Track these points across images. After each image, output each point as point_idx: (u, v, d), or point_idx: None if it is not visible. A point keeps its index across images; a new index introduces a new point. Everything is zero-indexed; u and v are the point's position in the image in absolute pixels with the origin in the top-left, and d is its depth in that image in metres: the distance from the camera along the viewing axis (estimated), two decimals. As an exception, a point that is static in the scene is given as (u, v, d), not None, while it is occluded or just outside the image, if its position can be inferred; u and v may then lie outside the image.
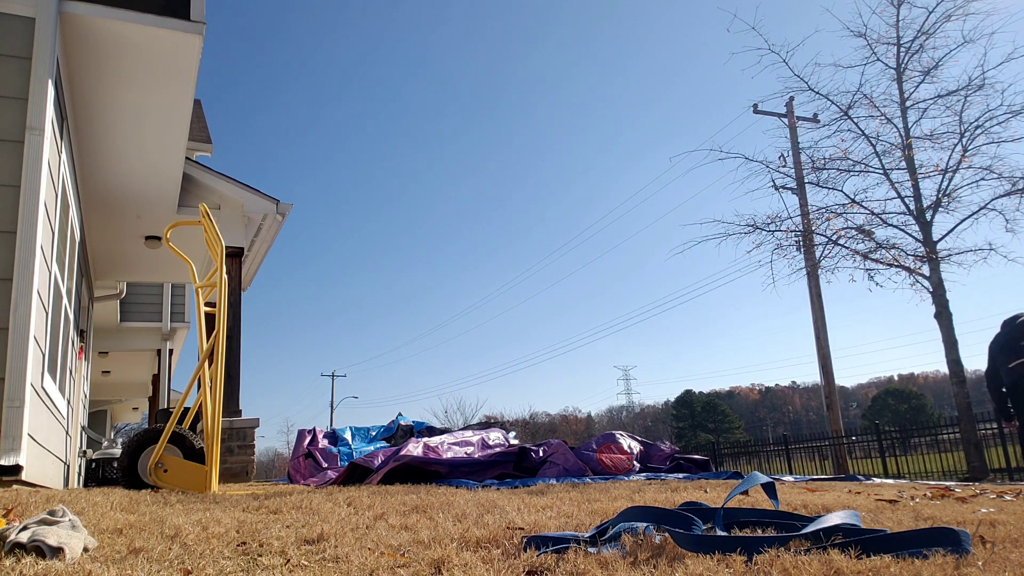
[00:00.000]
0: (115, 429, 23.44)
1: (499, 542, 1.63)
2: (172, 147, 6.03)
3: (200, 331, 4.25)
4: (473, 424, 8.79)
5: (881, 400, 56.64)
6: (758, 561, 1.31)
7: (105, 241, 8.03)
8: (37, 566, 1.37)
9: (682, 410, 63.22)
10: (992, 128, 10.72)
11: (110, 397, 19.25)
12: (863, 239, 11.67)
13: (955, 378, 10.78)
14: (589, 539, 1.56)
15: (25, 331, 3.75)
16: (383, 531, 1.91)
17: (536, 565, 1.35)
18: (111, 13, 4.51)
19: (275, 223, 7.62)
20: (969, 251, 10.74)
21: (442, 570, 1.34)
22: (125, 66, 4.95)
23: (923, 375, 77.54)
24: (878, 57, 11.64)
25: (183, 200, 7.10)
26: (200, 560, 1.49)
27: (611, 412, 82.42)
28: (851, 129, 11.89)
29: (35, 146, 3.97)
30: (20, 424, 3.62)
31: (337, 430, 7.41)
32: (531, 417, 54.22)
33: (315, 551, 1.59)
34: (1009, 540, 1.55)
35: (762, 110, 15.68)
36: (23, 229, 3.87)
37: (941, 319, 10.61)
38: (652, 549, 1.44)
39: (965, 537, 1.39)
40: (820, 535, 1.46)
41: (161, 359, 12.93)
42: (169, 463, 3.92)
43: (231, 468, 6.53)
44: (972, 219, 10.75)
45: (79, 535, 1.62)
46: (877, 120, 11.72)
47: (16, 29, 4.13)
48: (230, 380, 6.80)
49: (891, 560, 1.29)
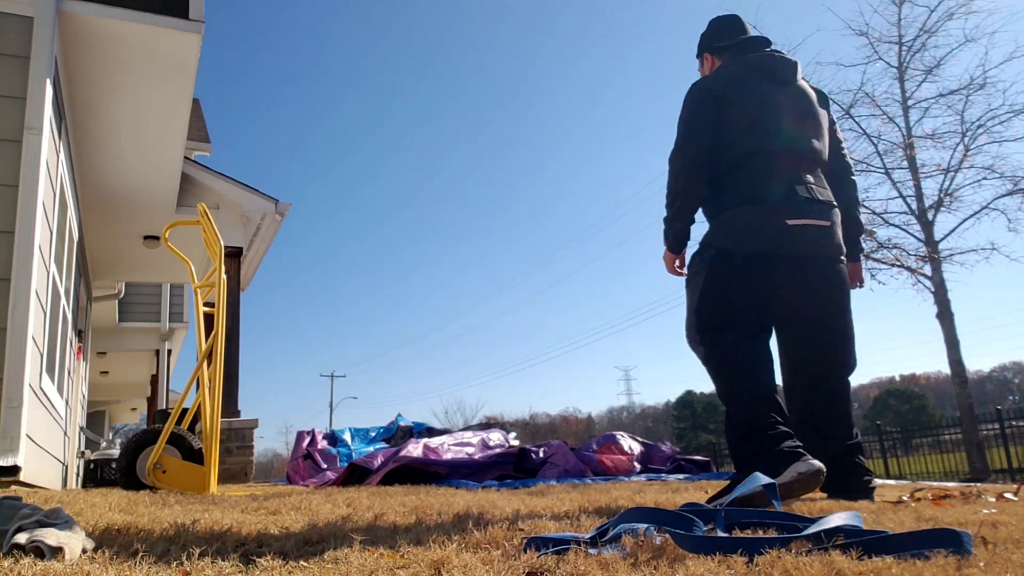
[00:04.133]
0: (113, 430, 23.43)
1: (499, 543, 1.62)
2: (171, 147, 6.02)
3: (199, 331, 4.25)
4: (473, 425, 8.79)
5: (883, 400, 56.63)
6: (759, 562, 1.30)
7: (103, 241, 8.02)
8: (36, 567, 1.36)
9: (683, 411, 63.22)
10: (994, 127, 10.77)
11: (108, 398, 19.25)
12: (865, 239, 11.69)
13: (957, 379, 10.80)
14: (589, 540, 1.55)
15: (23, 331, 3.74)
16: (383, 532, 1.90)
17: (536, 566, 1.34)
18: (110, 12, 4.50)
19: (274, 223, 7.62)
20: (971, 251, 10.79)
21: (442, 571, 1.33)
22: (124, 65, 4.94)
23: (925, 375, 77.53)
24: (880, 56, 11.70)
25: (182, 200, 7.10)
26: (199, 561, 1.48)
27: (611, 413, 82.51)
28: (853, 128, 11.93)
29: (33, 146, 3.96)
30: (18, 425, 3.61)
31: (336, 431, 7.40)
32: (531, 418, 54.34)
33: (314, 552, 1.58)
34: (1011, 541, 1.54)
35: (762, 110, 15.66)
36: (21, 229, 3.86)
37: (943, 319, 10.63)
38: (653, 550, 1.43)
39: (967, 538, 1.38)
40: (822, 536, 1.45)
41: (160, 359, 12.93)
42: (168, 464, 3.92)
43: (230, 469, 6.52)
44: (974, 218, 10.81)
45: (77, 536, 1.62)
46: (879, 119, 11.78)
47: (14, 28, 4.12)
48: (229, 381, 6.79)
49: (893, 561, 1.29)
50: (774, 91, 2.81)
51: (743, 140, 2.74)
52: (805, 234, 2.64)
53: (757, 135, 2.74)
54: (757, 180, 2.72)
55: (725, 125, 2.75)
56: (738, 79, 2.83)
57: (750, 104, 2.77)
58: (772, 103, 2.78)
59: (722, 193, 2.78)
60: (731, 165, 2.76)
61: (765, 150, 2.73)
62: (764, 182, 2.71)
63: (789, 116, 2.78)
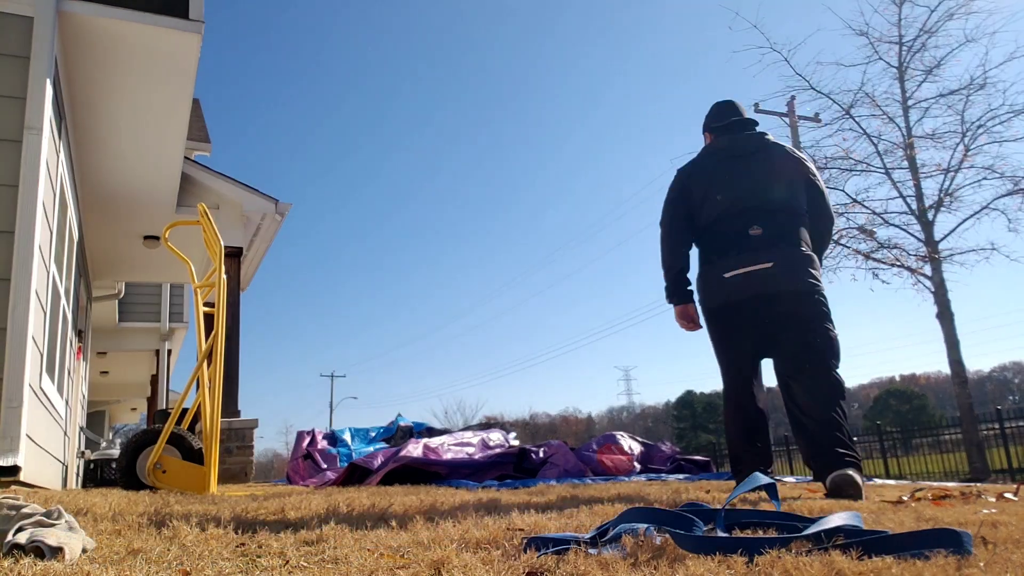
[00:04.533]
0: (113, 430, 23.44)
1: (499, 543, 1.62)
2: (171, 147, 6.03)
3: (199, 331, 4.25)
4: (473, 425, 8.79)
5: (883, 400, 56.60)
6: (759, 562, 1.30)
7: (103, 241, 8.03)
8: (36, 567, 1.36)
9: (683, 411, 63.20)
10: (994, 127, 10.77)
11: (108, 398, 19.25)
12: (865, 239, 11.69)
13: (957, 378, 10.79)
14: (589, 540, 1.55)
15: (23, 331, 3.75)
16: (383, 532, 1.90)
17: (536, 566, 1.34)
18: (110, 12, 4.50)
19: (274, 223, 7.62)
20: (971, 251, 10.78)
21: (442, 571, 1.33)
22: (124, 65, 4.94)
23: (925, 375, 77.52)
24: (880, 56, 11.69)
25: (182, 200, 7.10)
26: (199, 561, 1.48)
27: (611, 413, 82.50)
28: (853, 128, 11.94)
29: (33, 146, 3.96)
30: (18, 425, 3.61)
31: (336, 431, 7.40)
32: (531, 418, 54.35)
33: (314, 552, 1.58)
34: (1011, 541, 1.54)
35: (763, 109, 15.70)
36: (21, 229, 3.86)
37: (943, 319, 10.62)
38: (653, 550, 1.43)
39: (967, 538, 1.38)
40: (822, 536, 1.45)
41: (160, 359, 12.93)
42: (168, 464, 3.92)
43: (230, 469, 6.52)
44: (974, 219, 10.81)
45: (77, 536, 1.62)
46: (879, 119, 11.78)
47: (14, 28, 4.12)
48: (229, 380, 6.79)
49: (893, 561, 1.29)
50: (729, 166, 3.34)
51: (700, 213, 3.35)
52: (748, 279, 3.12)
53: (708, 207, 3.31)
54: (709, 244, 3.34)
55: (692, 202, 3.37)
56: (700, 163, 3.45)
57: (704, 183, 3.36)
58: (723, 177, 3.32)
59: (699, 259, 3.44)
60: (698, 235, 3.40)
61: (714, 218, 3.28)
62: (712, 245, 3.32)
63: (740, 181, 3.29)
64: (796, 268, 3.12)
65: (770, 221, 3.19)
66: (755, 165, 3.32)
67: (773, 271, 3.10)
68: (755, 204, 3.22)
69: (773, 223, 3.19)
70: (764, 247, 3.14)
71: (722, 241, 3.26)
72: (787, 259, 3.13)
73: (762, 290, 3.10)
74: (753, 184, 3.26)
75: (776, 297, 3.10)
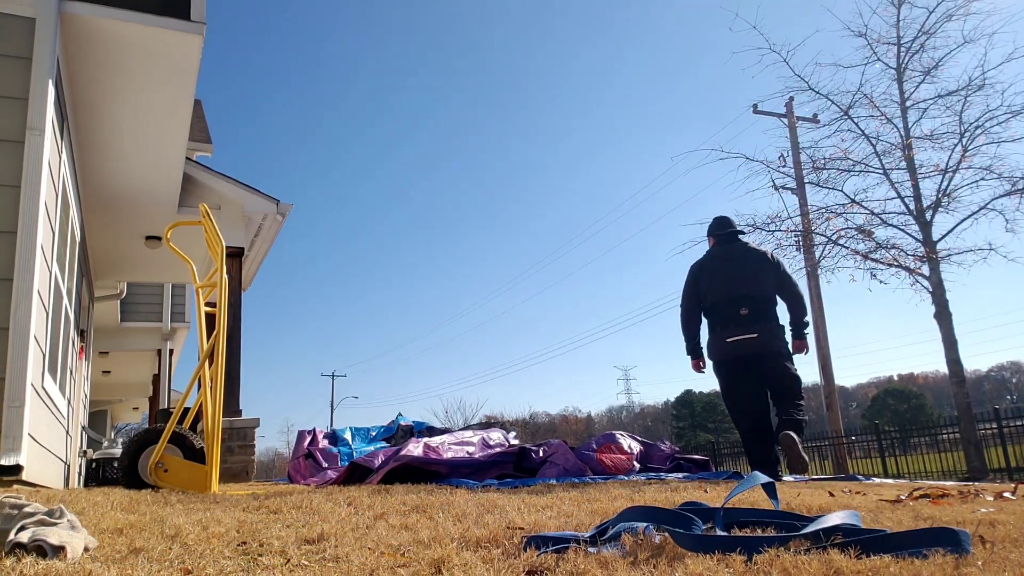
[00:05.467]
0: (115, 429, 23.45)
1: (499, 542, 1.63)
2: (172, 147, 6.03)
3: (200, 331, 4.26)
4: (473, 424, 8.80)
5: (881, 400, 56.59)
6: (758, 561, 1.31)
7: (105, 241, 8.03)
8: (38, 566, 1.37)
9: (682, 410, 63.19)
10: (992, 128, 10.73)
11: (110, 397, 19.26)
12: (863, 239, 11.68)
13: (955, 378, 10.79)
14: (589, 539, 1.56)
15: (25, 331, 3.75)
16: (383, 531, 1.91)
17: (536, 565, 1.35)
18: (112, 13, 4.51)
19: (275, 223, 7.62)
20: (969, 251, 10.75)
21: (442, 570, 1.34)
22: (126, 66, 4.95)
23: (923, 375, 77.49)
24: (878, 57, 11.65)
25: (183, 200, 7.11)
26: (200, 560, 1.49)
27: (611, 412, 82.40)
28: (851, 129, 11.90)
29: (35, 146, 3.97)
30: (20, 424, 3.62)
31: (337, 430, 7.41)
32: (531, 417, 54.30)
33: (315, 551, 1.59)
34: (1009, 540, 1.55)
35: (762, 110, 15.69)
36: (23, 229, 3.87)
37: (941, 319, 10.62)
38: (652, 549, 1.44)
39: (965, 537, 1.39)
40: (820, 535, 1.46)
41: (161, 359, 12.94)
42: (169, 463, 3.92)
43: (231, 468, 6.53)
44: (972, 219, 10.77)
45: (79, 535, 1.63)
46: (877, 120, 11.73)
47: (16, 29, 4.13)
48: (230, 380, 6.80)
49: (891, 560, 1.30)
50: (724, 266, 5.02)
51: (706, 298, 5.04)
52: (739, 344, 4.84)
53: (711, 295, 5.00)
54: (713, 319, 5.04)
55: (700, 289, 5.06)
56: (705, 263, 5.13)
57: (707, 278, 5.06)
58: (721, 275, 5.00)
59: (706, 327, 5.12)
60: (705, 312, 5.10)
61: (715, 302, 4.97)
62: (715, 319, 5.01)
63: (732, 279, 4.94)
64: (772, 337, 4.83)
65: (753, 306, 4.84)
66: (743, 266, 4.95)
67: (758, 339, 4.79)
68: (743, 293, 4.87)
69: (755, 307, 4.84)
70: (750, 323, 4.81)
71: (722, 317, 4.93)
72: (765, 331, 4.81)
73: (749, 352, 4.82)
74: (741, 280, 4.91)
75: (760, 355, 4.81)
